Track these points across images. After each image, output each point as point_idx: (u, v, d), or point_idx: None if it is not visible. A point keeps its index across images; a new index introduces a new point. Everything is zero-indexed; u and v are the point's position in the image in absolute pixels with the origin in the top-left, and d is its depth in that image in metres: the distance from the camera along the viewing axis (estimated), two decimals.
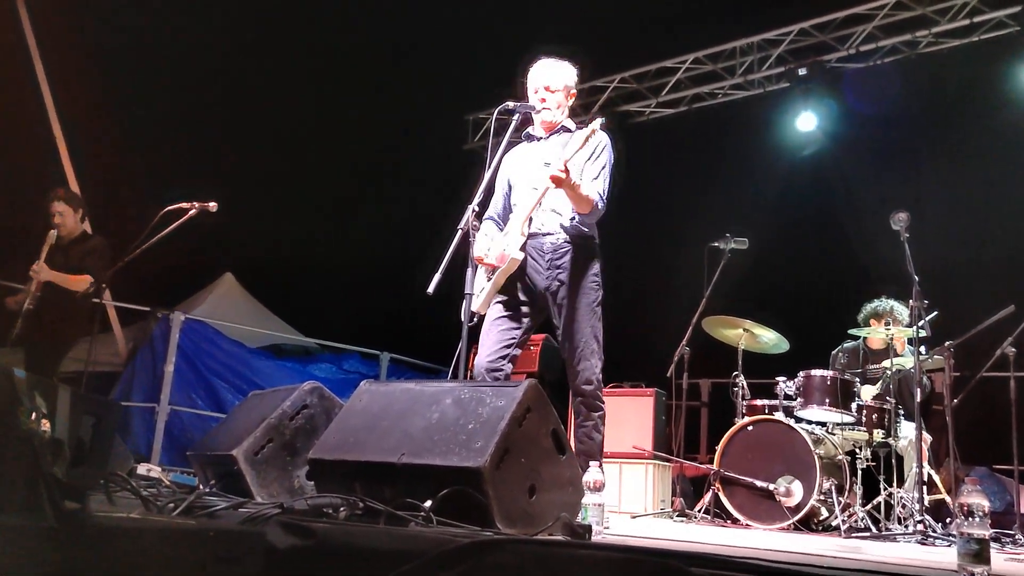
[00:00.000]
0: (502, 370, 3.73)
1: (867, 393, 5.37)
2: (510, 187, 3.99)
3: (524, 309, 3.81)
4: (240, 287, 9.69)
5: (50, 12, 8.03)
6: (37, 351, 5.30)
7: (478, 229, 3.56)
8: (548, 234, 3.81)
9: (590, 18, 8.69)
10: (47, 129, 8.26)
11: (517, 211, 3.84)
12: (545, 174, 3.58)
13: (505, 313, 3.80)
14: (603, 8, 8.63)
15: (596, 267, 3.82)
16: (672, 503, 6.05)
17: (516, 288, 3.80)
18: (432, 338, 7.52)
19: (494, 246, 3.80)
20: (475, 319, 3.81)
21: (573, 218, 3.80)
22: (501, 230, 3.92)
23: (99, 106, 8.25)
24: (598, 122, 3.66)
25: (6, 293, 5.55)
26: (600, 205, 3.74)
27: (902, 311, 5.66)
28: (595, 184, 3.75)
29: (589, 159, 3.80)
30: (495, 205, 4.04)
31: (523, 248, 3.74)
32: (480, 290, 3.76)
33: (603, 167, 3.82)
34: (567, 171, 3.49)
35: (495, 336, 3.77)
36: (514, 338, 3.77)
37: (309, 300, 9.44)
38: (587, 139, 3.61)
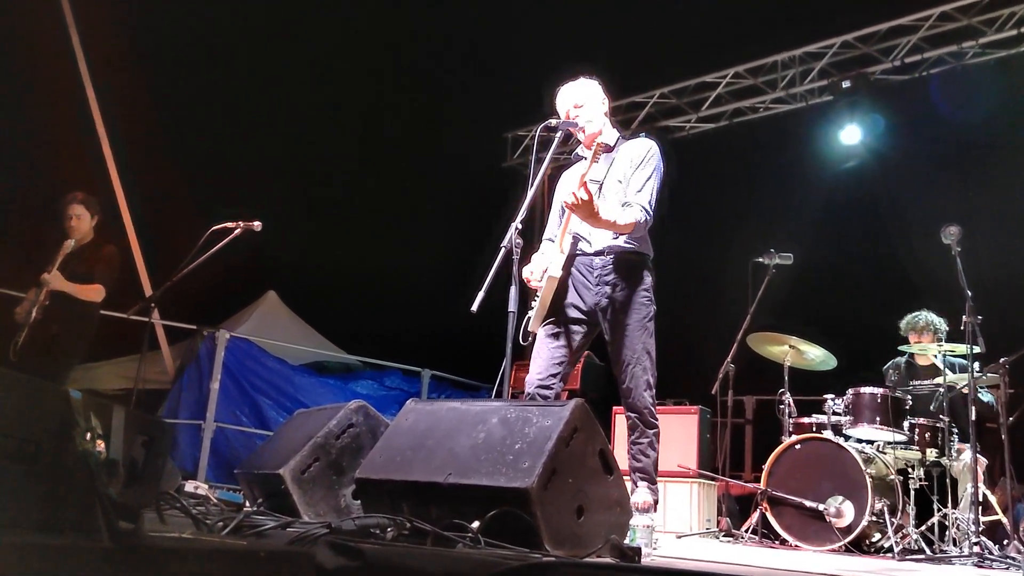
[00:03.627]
0: (552, 388, 3.70)
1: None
2: (563, 208, 3.99)
3: (575, 327, 3.78)
4: (283, 305, 9.81)
5: (100, 32, 8.22)
6: (41, 365, 5.03)
7: (521, 247, 3.54)
8: (598, 253, 3.77)
9: (628, 34, 8.69)
10: (97, 149, 8.45)
11: (560, 230, 3.83)
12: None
13: (556, 331, 3.78)
14: (641, 24, 8.63)
15: (647, 282, 3.77)
16: (718, 523, 5.96)
17: (567, 306, 3.79)
18: (473, 355, 7.54)
19: (540, 266, 3.79)
20: (530, 338, 3.83)
21: (617, 236, 3.76)
22: None
23: (148, 126, 8.44)
24: (638, 142, 3.66)
25: (12, 303, 5.40)
26: (644, 219, 3.68)
27: (922, 319, 5.56)
28: (639, 196, 3.70)
29: (638, 167, 3.75)
30: (552, 226, 4.03)
31: (566, 266, 3.72)
32: (534, 312, 3.78)
33: (648, 177, 3.74)
34: (587, 191, 3.45)
35: (546, 354, 3.75)
36: (564, 356, 3.75)
37: (351, 318, 9.52)
38: (595, 153, 3.58)
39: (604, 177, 3.79)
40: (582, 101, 3.85)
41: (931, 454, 5.04)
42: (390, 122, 9.90)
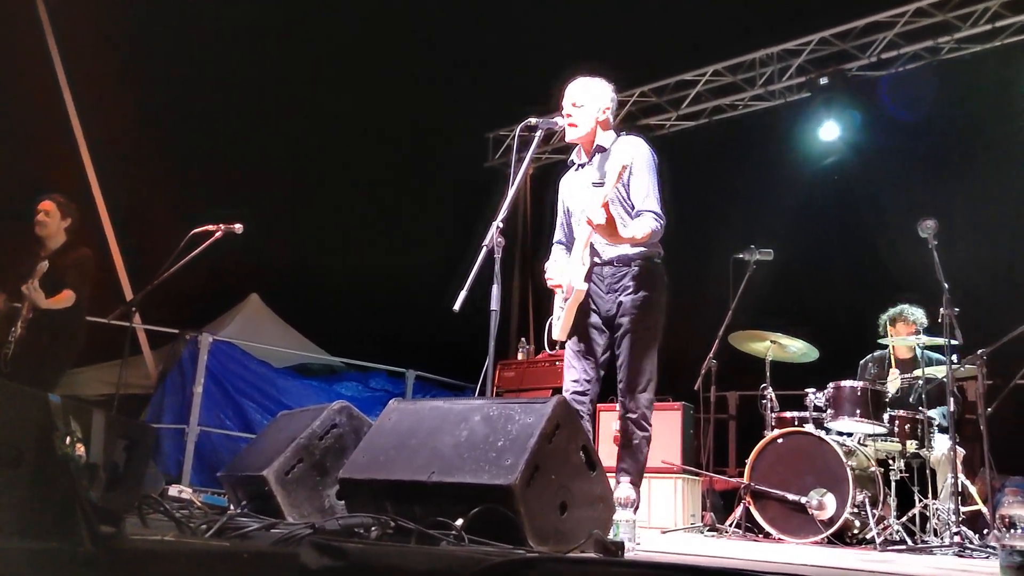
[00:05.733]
0: (587, 394, 3.81)
1: (892, 384, 5.30)
2: (568, 213, 4.04)
3: (597, 337, 3.85)
4: (266, 307, 9.76)
5: (76, 30, 8.14)
6: (32, 375, 5.05)
7: (503, 246, 3.55)
8: (608, 262, 3.83)
9: (608, 32, 8.71)
10: (75, 153, 8.38)
11: (576, 242, 3.86)
12: (590, 198, 3.61)
13: (583, 341, 3.85)
14: (621, 22, 8.65)
15: (657, 289, 3.82)
16: (702, 517, 6.00)
17: (588, 315, 3.84)
18: (458, 355, 7.54)
19: (564, 276, 3.84)
20: (556, 346, 3.96)
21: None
22: (568, 254, 3.97)
23: (126, 129, 8.37)
24: (627, 143, 3.65)
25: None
26: (659, 225, 3.72)
27: (911, 313, 5.62)
28: (648, 202, 3.74)
29: (633, 174, 3.78)
30: (560, 231, 4.10)
31: (587, 277, 3.77)
32: (557, 318, 3.84)
33: (649, 180, 3.78)
34: (608, 213, 3.47)
35: (577, 364, 3.85)
36: (593, 364, 3.83)
37: (334, 319, 9.49)
38: (620, 174, 3.56)
39: (603, 181, 3.77)
40: (582, 102, 3.86)
41: (911, 446, 5.09)
42: (372, 123, 9.87)
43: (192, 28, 8.58)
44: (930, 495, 4.95)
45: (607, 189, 3.56)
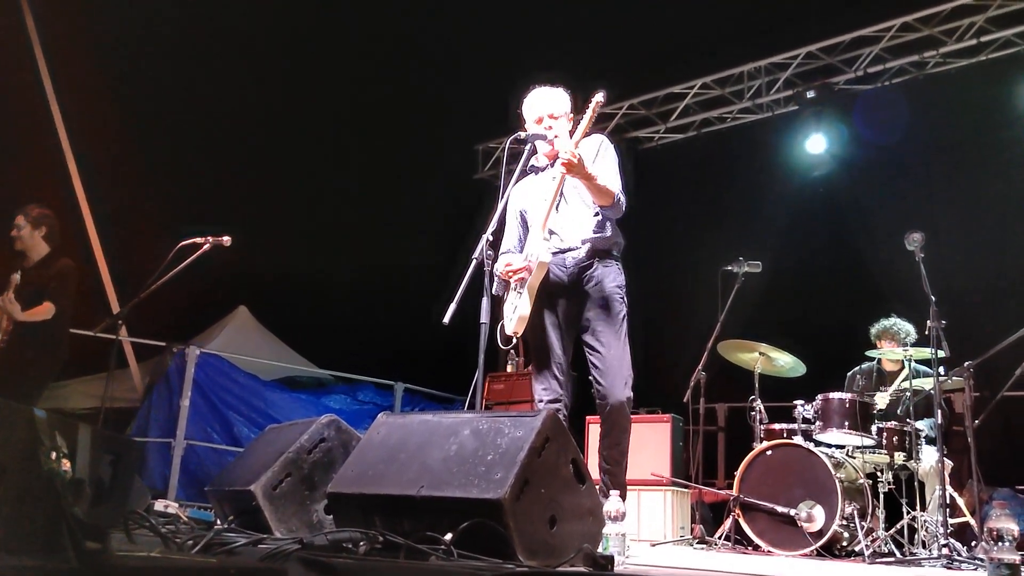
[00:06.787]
0: (560, 400, 3.73)
1: (881, 400, 5.32)
2: (523, 216, 3.98)
3: (562, 335, 3.79)
4: (254, 320, 9.72)
5: (63, 39, 8.10)
6: (13, 388, 4.98)
7: (492, 258, 3.54)
8: (569, 249, 3.78)
9: (597, 45, 8.75)
10: (62, 164, 8.33)
11: (533, 226, 3.80)
12: (556, 176, 3.58)
13: (548, 339, 3.78)
14: (610, 35, 8.69)
15: (619, 280, 3.79)
16: (692, 530, 5.99)
17: (551, 310, 3.78)
18: (447, 368, 7.53)
19: (517, 261, 3.76)
20: (513, 340, 3.78)
21: (597, 213, 3.77)
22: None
23: (114, 142, 8.34)
24: (601, 95, 3.57)
25: None
26: (621, 199, 3.71)
27: (901, 328, 5.64)
28: (612, 183, 3.71)
29: (595, 159, 3.75)
30: (510, 238, 4.01)
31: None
32: (514, 310, 3.71)
33: (611, 166, 3.77)
34: (579, 159, 3.46)
35: (544, 372, 3.77)
36: (561, 362, 3.77)
37: (323, 332, 9.46)
38: (593, 111, 3.53)
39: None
40: (558, 113, 3.84)
41: (899, 457, 5.10)
42: (362, 135, 9.87)
43: (180, 37, 8.56)
44: (918, 507, 4.96)
45: (578, 136, 3.57)
